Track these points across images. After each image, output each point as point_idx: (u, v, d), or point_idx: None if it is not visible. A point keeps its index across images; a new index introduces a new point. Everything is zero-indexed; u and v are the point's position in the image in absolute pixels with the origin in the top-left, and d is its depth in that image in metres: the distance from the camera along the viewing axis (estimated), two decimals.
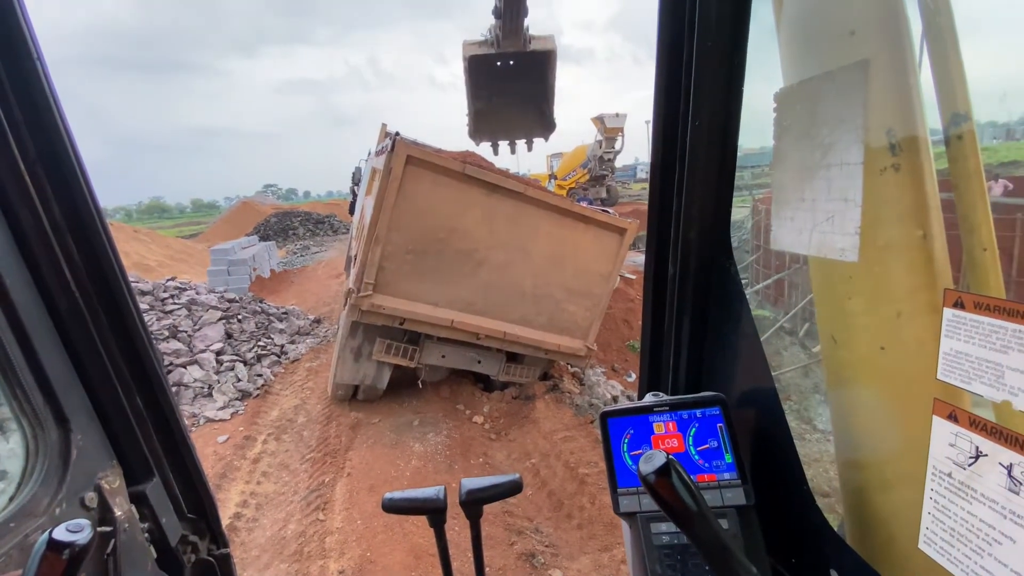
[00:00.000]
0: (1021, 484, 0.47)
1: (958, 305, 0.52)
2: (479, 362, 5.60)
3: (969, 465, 0.52)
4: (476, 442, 5.28)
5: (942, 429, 0.56)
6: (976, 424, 0.51)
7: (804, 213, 0.73)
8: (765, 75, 0.89)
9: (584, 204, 6.25)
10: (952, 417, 0.54)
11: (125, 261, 0.95)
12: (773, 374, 0.90)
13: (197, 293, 7.78)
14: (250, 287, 11.69)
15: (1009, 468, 0.48)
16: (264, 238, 21.08)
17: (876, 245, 0.69)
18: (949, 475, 0.55)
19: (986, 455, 0.50)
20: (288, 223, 26.64)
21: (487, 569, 3.59)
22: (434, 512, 0.95)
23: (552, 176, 24.47)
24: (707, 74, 0.87)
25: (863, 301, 0.75)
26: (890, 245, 0.69)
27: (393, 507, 0.96)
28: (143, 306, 7.04)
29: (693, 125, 0.88)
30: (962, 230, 0.72)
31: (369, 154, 7.29)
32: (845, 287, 0.77)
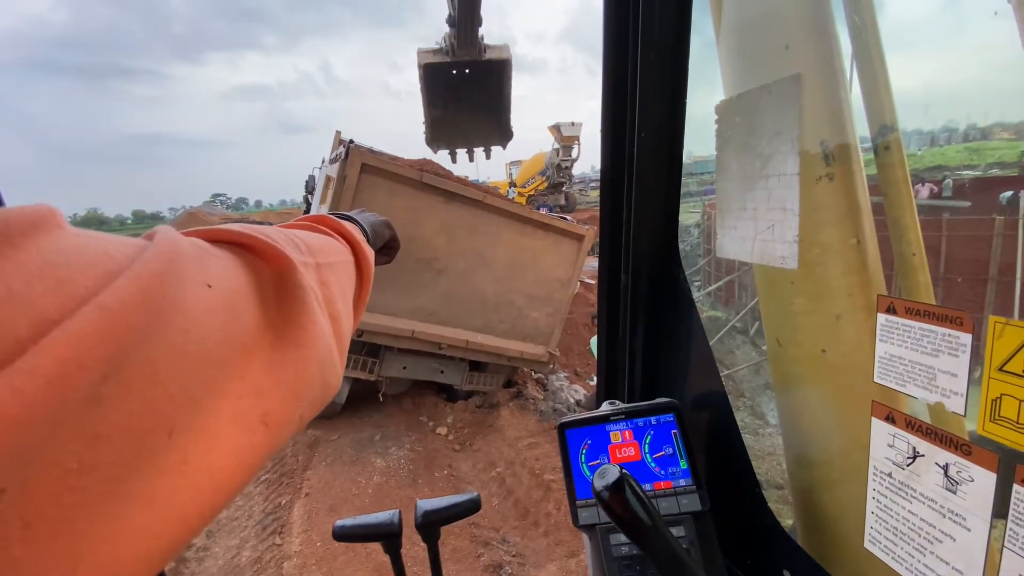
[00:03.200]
0: (957, 483, 0.48)
1: (890, 311, 0.54)
2: (442, 372, 5.53)
3: (907, 465, 0.54)
4: (440, 454, 5.19)
5: (880, 430, 0.57)
6: (912, 425, 0.53)
7: (746, 222, 0.74)
8: (709, 86, 0.91)
9: (544, 211, 6.30)
10: (889, 419, 0.56)
11: None
12: (727, 372, 0.92)
13: None
14: None
15: (945, 468, 0.49)
16: None
17: (814, 252, 0.71)
18: (889, 475, 0.57)
19: (923, 455, 0.52)
20: None
21: None
22: (389, 537, 0.91)
23: (512, 184, 24.61)
24: (651, 87, 0.88)
25: (804, 305, 0.77)
26: (827, 251, 0.72)
27: (344, 535, 0.91)
28: None
29: (639, 137, 0.89)
30: (892, 236, 0.75)
31: (323, 162, 7.12)
32: (787, 292, 0.80)
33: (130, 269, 0.24)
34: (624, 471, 0.58)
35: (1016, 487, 0.43)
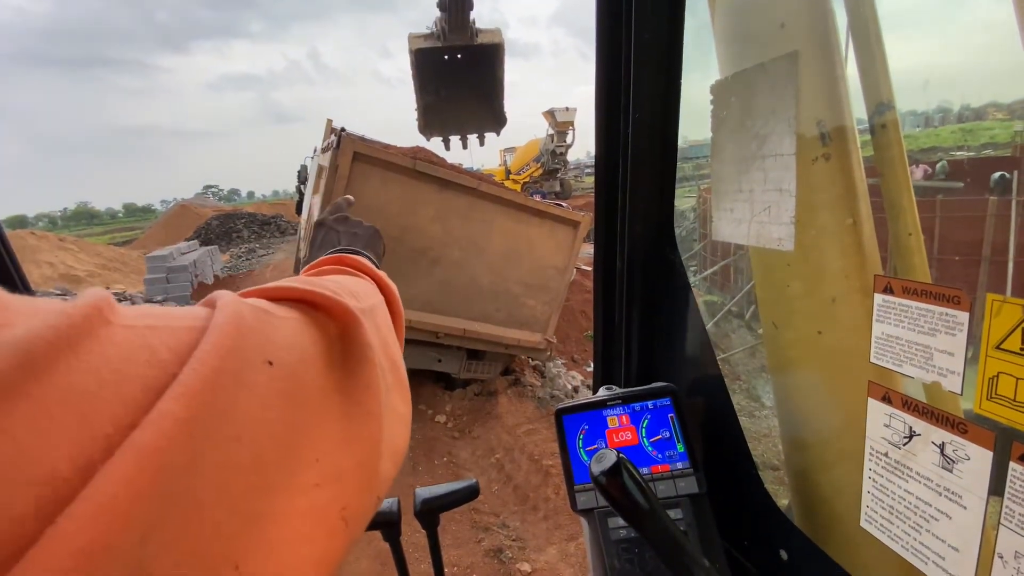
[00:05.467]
0: (953, 462, 0.49)
1: (887, 290, 0.53)
2: (439, 361, 5.54)
3: (904, 444, 0.54)
4: (440, 442, 5.23)
5: (877, 410, 0.57)
6: (908, 405, 0.53)
7: (742, 204, 0.74)
8: (704, 68, 0.89)
9: (538, 198, 6.27)
10: (886, 399, 0.56)
11: (50, 272, 0.86)
12: (723, 356, 0.92)
13: (133, 304, 7.31)
14: (192, 295, 11.09)
15: (941, 447, 0.50)
16: (206, 242, 20.08)
17: (810, 233, 0.71)
18: (885, 455, 0.57)
19: (919, 434, 0.52)
20: (231, 225, 25.42)
21: (455, 569, 3.56)
22: (387, 526, 0.91)
23: (508, 173, 24.47)
24: (645, 68, 0.87)
25: (800, 287, 0.77)
26: (823, 233, 0.71)
27: None
28: None
29: (634, 121, 0.87)
30: (888, 216, 0.75)
31: (315, 151, 7.05)
32: (783, 274, 0.79)
33: (178, 382, 0.20)
34: (621, 455, 0.58)
35: (1012, 465, 0.43)
